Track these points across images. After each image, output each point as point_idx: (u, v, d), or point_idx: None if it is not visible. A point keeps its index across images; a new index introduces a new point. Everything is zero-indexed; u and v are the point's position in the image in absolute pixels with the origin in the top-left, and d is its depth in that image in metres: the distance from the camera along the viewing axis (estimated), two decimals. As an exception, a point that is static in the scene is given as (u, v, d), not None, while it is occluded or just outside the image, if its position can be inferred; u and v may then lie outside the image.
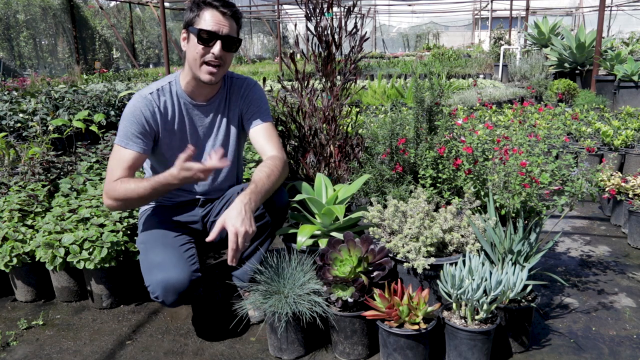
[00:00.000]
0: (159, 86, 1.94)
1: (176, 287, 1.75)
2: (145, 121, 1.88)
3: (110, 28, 14.92)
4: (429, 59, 13.75)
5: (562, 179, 2.05)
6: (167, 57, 7.84)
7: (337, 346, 1.82)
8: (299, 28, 17.27)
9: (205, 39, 1.80)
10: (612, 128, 4.21)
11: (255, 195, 1.73)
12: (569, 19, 21.18)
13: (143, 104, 1.88)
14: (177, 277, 1.75)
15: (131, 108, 1.89)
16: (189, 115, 1.97)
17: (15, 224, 2.30)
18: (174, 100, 1.95)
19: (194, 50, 1.82)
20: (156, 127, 1.92)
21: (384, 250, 1.83)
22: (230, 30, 1.84)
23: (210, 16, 1.80)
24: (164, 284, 1.74)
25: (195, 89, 1.95)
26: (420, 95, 2.34)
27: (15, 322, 2.14)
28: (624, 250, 2.76)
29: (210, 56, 1.82)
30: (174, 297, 1.76)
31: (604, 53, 7.16)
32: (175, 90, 1.95)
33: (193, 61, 1.84)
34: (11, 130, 4.18)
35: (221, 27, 1.81)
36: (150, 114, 1.89)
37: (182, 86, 1.95)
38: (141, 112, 1.87)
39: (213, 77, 1.86)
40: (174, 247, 1.87)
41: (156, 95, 1.92)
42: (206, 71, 1.84)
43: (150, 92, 1.92)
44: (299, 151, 2.49)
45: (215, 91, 1.99)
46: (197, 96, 1.97)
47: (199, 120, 1.99)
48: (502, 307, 1.77)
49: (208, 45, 1.81)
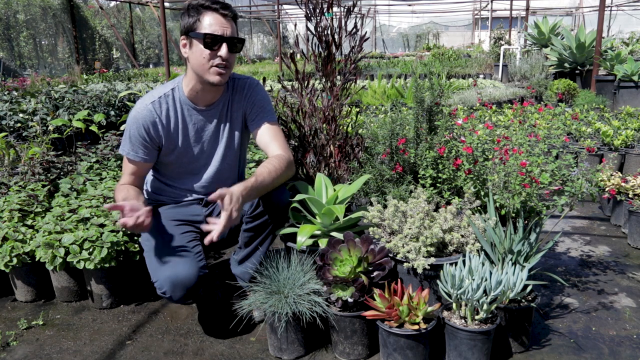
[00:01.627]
0: (161, 93, 1.94)
1: (184, 283, 1.76)
2: (146, 133, 1.90)
3: (110, 28, 14.92)
4: (429, 59, 13.75)
5: (562, 179, 2.05)
6: (167, 57, 7.84)
7: (337, 346, 1.82)
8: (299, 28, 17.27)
9: (211, 44, 1.79)
10: (612, 128, 4.21)
11: (251, 189, 1.74)
12: (569, 19, 21.18)
13: (143, 117, 1.90)
14: (186, 273, 1.76)
15: (133, 119, 1.92)
16: (192, 121, 1.98)
17: (15, 224, 2.30)
18: (176, 107, 1.95)
19: (200, 56, 1.82)
20: (158, 137, 1.94)
21: (384, 250, 1.83)
22: (233, 31, 1.84)
23: (212, 20, 1.80)
24: (172, 280, 1.75)
25: (199, 94, 1.95)
26: (420, 95, 2.34)
27: (15, 322, 2.14)
28: (624, 250, 2.76)
29: (218, 60, 1.82)
30: (182, 293, 1.77)
31: (604, 53, 7.16)
32: (178, 96, 1.95)
33: (200, 66, 1.83)
34: (11, 130, 4.18)
35: (224, 30, 1.81)
36: (151, 125, 1.91)
37: (185, 92, 1.95)
38: (142, 124, 1.90)
39: (222, 78, 1.86)
40: (181, 243, 1.88)
41: (157, 104, 1.92)
42: (215, 72, 1.84)
43: (152, 101, 1.92)
44: (299, 151, 2.49)
45: (218, 95, 1.99)
46: (200, 102, 1.97)
47: (203, 125, 2.00)
48: (502, 307, 1.77)
49: (214, 49, 1.81)
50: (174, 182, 2.07)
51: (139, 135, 1.90)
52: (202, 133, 2.00)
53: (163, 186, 2.09)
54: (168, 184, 2.08)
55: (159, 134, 1.93)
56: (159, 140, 1.94)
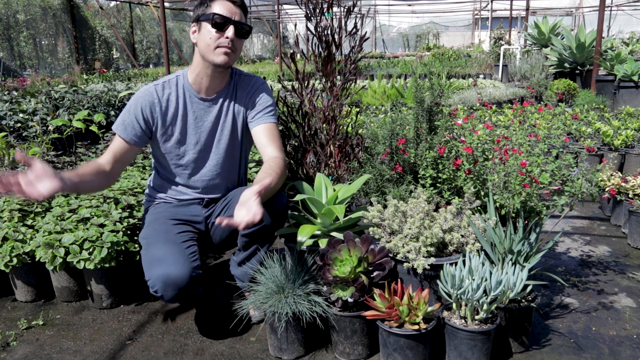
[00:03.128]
0: (166, 79, 2.00)
1: (176, 283, 1.75)
2: (142, 112, 1.93)
3: (110, 28, 14.92)
4: (429, 59, 13.75)
5: (562, 179, 2.05)
6: (167, 57, 7.84)
7: (337, 346, 1.82)
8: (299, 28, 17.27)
9: (219, 24, 1.84)
10: (612, 128, 4.21)
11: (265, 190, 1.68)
12: (569, 19, 21.17)
13: (143, 96, 1.95)
14: (178, 273, 1.75)
15: (134, 98, 1.96)
16: (193, 109, 1.99)
17: (15, 224, 2.30)
18: (178, 92, 1.98)
19: (208, 36, 1.86)
20: (152, 119, 1.95)
21: (384, 250, 1.83)
22: (241, 18, 1.90)
23: (222, 5, 1.87)
24: (164, 279, 1.75)
25: (203, 81, 1.97)
26: (420, 95, 2.34)
27: (15, 322, 2.14)
28: (624, 250, 2.76)
29: (225, 40, 1.86)
30: (174, 293, 1.76)
31: (604, 53, 7.16)
32: (182, 83, 1.99)
33: (206, 47, 1.88)
34: (11, 130, 4.18)
35: (233, 14, 1.87)
36: (148, 105, 1.94)
37: (189, 80, 1.98)
38: (140, 103, 1.94)
39: (228, 59, 1.89)
40: (176, 243, 1.87)
41: (160, 87, 1.97)
42: (221, 52, 1.87)
43: (155, 84, 1.97)
44: (299, 151, 2.49)
45: (222, 85, 2.01)
46: (203, 90, 1.99)
47: (204, 114, 2.01)
48: (502, 307, 1.77)
49: (222, 30, 1.85)
50: (174, 177, 2.06)
51: (133, 114, 1.93)
52: (200, 122, 2.01)
53: (164, 182, 2.09)
54: (168, 179, 2.08)
55: (154, 115, 1.95)
56: (152, 123, 1.95)
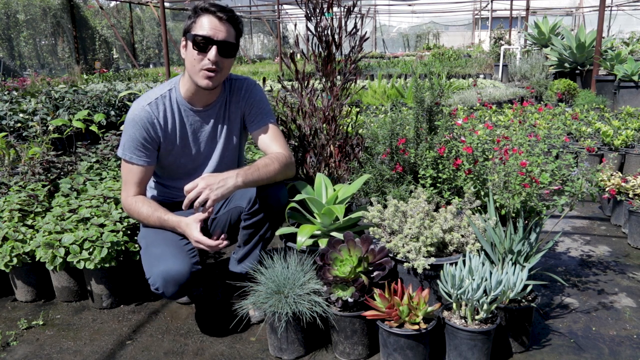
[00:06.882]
0: (158, 94, 1.94)
1: (176, 279, 1.76)
2: (147, 134, 1.90)
3: (110, 28, 14.91)
4: (429, 59, 13.75)
5: (562, 179, 2.05)
6: (167, 57, 7.83)
7: (337, 346, 1.82)
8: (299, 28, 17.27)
9: (200, 45, 1.79)
10: (612, 128, 4.21)
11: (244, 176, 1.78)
12: (569, 19, 21.17)
13: (140, 119, 1.90)
14: (178, 269, 1.76)
15: (132, 122, 1.90)
16: (189, 122, 1.98)
17: (16, 224, 2.30)
18: (173, 108, 1.95)
19: (191, 57, 1.82)
20: (157, 138, 1.93)
21: (384, 250, 1.83)
22: (227, 35, 1.83)
23: (207, 21, 1.80)
24: (164, 275, 1.75)
25: (195, 96, 1.94)
26: (420, 95, 2.34)
27: (15, 322, 2.14)
28: (624, 250, 2.76)
29: (207, 62, 1.81)
30: (174, 289, 1.77)
31: (604, 53, 7.16)
32: (175, 97, 1.95)
33: (191, 67, 1.84)
34: (11, 130, 4.18)
35: (217, 33, 1.80)
36: (150, 126, 1.90)
37: (181, 93, 1.95)
38: (141, 126, 1.89)
39: (210, 82, 1.85)
40: (174, 240, 1.89)
41: (154, 106, 1.92)
42: (204, 76, 1.83)
43: (149, 103, 1.92)
44: (299, 151, 2.49)
45: (215, 96, 1.99)
46: (197, 102, 1.97)
47: (200, 126, 2.00)
48: (502, 307, 1.77)
49: (204, 52, 1.80)
50: (172, 183, 2.07)
51: (139, 137, 1.89)
52: (198, 134, 2.00)
53: (160, 187, 2.09)
54: (165, 185, 2.09)
55: (157, 134, 1.93)
56: (157, 140, 1.94)
